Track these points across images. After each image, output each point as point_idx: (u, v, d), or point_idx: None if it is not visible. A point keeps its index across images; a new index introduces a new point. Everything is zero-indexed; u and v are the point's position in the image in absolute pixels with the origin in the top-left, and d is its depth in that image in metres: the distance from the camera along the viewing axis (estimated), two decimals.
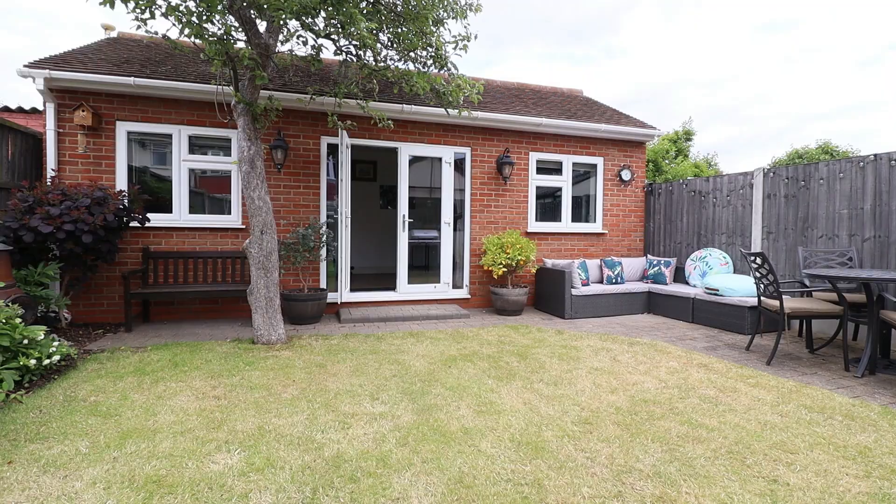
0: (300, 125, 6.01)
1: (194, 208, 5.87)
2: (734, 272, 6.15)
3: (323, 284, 6.15)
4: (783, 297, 4.04)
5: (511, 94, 8.36)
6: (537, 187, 7.31)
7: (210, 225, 5.76)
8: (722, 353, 4.40)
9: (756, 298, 4.49)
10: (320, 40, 4.40)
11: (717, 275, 5.87)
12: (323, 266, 6.14)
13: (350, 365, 3.84)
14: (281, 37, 4.66)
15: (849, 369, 3.87)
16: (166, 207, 5.70)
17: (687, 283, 6.55)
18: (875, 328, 3.68)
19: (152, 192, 5.69)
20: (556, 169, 7.45)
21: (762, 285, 4.24)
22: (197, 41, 4.24)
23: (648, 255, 7.55)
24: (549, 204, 7.56)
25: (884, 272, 3.93)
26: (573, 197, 7.56)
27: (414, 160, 7.02)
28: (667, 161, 16.80)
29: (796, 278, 5.35)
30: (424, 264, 8.80)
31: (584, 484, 2.08)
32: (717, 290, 5.54)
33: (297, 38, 4.31)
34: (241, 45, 4.64)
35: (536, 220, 7.33)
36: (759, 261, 4.11)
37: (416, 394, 3.19)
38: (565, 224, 7.47)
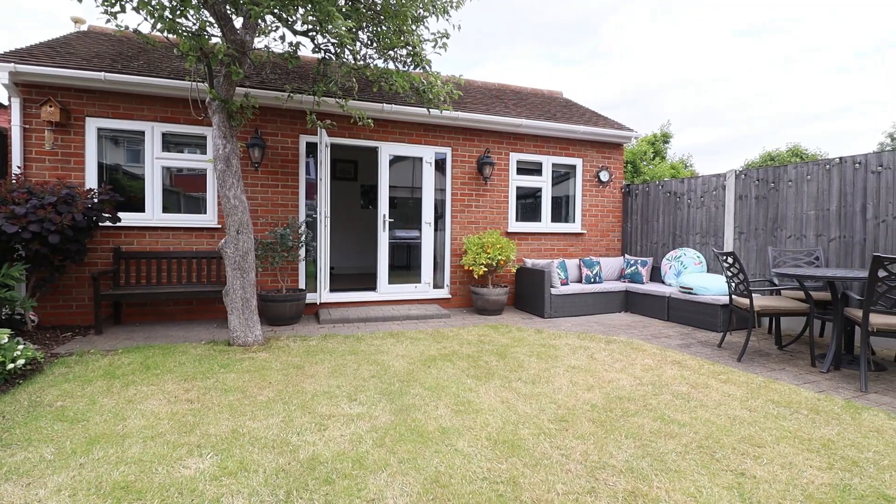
0: (278, 123, 5.92)
1: (169, 207, 5.73)
2: (708, 271, 6.30)
3: (302, 285, 6.08)
4: (753, 295, 4.16)
5: (492, 95, 8.40)
6: (517, 187, 7.37)
7: (184, 224, 5.63)
8: (695, 351, 4.50)
9: (728, 297, 4.62)
10: (298, 37, 4.35)
11: (691, 274, 6.01)
12: (302, 266, 6.07)
13: (328, 366, 3.80)
14: (258, 33, 4.59)
15: (815, 365, 4.01)
16: (139, 206, 5.55)
17: (663, 283, 6.69)
18: (840, 325, 3.82)
19: (124, 190, 5.53)
20: (536, 169, 7.52)
21: (733, 284, 4.35)
22: (170, 36, 4.15)
23: (626, 255, 7.69)
24: (529, 204, 7.62)
25: (848, 271, 4.08)
26: (553, 197, 7.64)
27: (395, 160, 6.99)
28: (645, 162, 17.11)
29: (766, 277, 5.52)
30: (406, 264, 8.77)
31: (559, 481, 2.11)
32: (692, 289, 5.67)
33: (274, 34, 4.24)
34: (216, 40, 4.55)
35: (517, 220, 7.39)
36: (730, 260, 4.22)
37: (395, 394, 3.18)
38: (545, 224, 7.54)
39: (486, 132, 7.07)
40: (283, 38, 4.32)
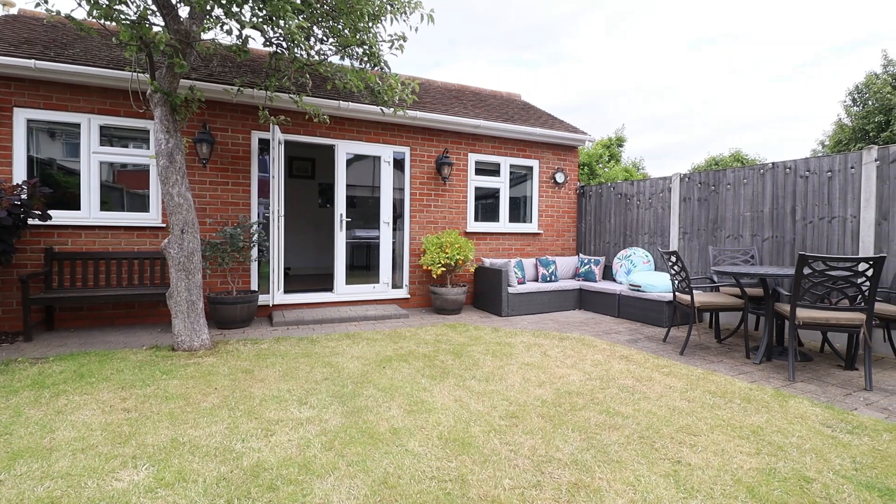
0: (228, 118, 5.70)
1: (110, 205, 5.40)
2: (655, 270, 6.60)
3: (254, 286, 5.88)
4: (694, 292, 4.39)
5: (451, 96, 8.44)
6: (476, 188, 7.44)
7: (125, 223, 5.32)
8: (642, 346, 4.70)
9: (672, 294, 4.85)
10: (247, 30, 4.21)
11: (639, 272, 6.27)
12: (254, 267, 5.87)
13: (279, 370, 3.70)
14: (205, 24, 4.40)
15: (749, 357, 4.28)
16: (75, 204, 5.20)
17: (614, 281, 6.94)
18: (770, 319, 4.10)
19: (59, 186, 5.17)
20: (494, 170, 7.61)
21: (676, 281, 4.58)
22: (108, 24, 3.91)
23: (580, 254, 7.92)
24: (488, 204, 7.71)
25: (778, 269, 4.38)
26: (511, 198, 7.77)
27: (354, 158, 6.89)
28: (600, 165, 17.69)
29: (707, 275, 5.84)
30: (366, 264, 8.67)
31: (506, 476, 2.14)
32: (640, 287, 5.92)
33: (222, 26, 4.08)
34: (159, 29, 4.33)
35: (475, 220, 7.46)
36: (673, 259, 4.44)
37: (347, 396, 3.13)
38: (503, 224, 7.66)
39: (445, 132, 7.09)
40: (230, 31, 4.15)
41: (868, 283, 3.40)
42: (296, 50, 4.37)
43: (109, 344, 4.51)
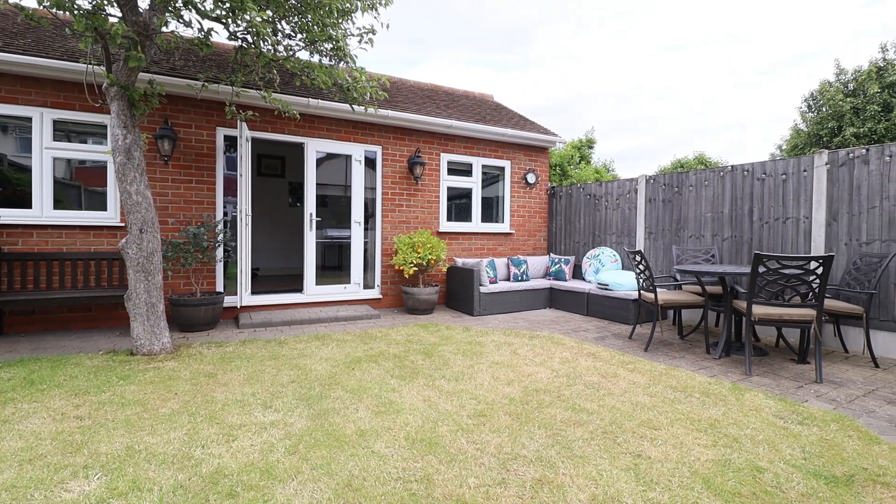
0: (192, 114, 5.52)
1: (65, 203, 5.16)
2: (622, 269, 6.76)
3: (220, 287, 5.71)
4: (658, 290, 4.52)
5: (424, 95, 8.43)
6: (449, 188, 7.45)
7: (81, 222, 5.08)
8: (609, 343, 4.81)
9: (638, 292, 4.98)
10: (210, 23, 4.08)
11: (607, 271, 6.41)
12: (219, 268, 5.70)
13: (244, 373, 3.61)
14: (166, 15, 4.24)
15: (709, 352, 4.43)
16: (26, 202, 4.93)
17: (584, 280, 7.08)
18: (729, 316, 4.26)
19: (10, 184, 4.90)
20: (466, 170, 7.64)
21: (641, 280, 4.70)
22: (60, 13, 3.72)
23: (551, 254, 8.04)
24: (460, 204, 7.73)
25: (736, 267, 4.56)
26: (483, 198, 7.81)
27: (326, 157, 6.79)
28: (572, 166, 18.02)
29: (671, 273, 6.02)
30: (338, 264, 8.56)
31: (472, 475, 2.15)
32: (608, 285, 6.05)
33: (181, 19, 3.94)
34: (116, 20, 4.15)
35: (448, 220, 7.47)
36: (638, 258, 4.55)
37: (314, 399, 3.08)
38: (475, 224, 7.69)
39: (418, 132, 7.07)
40: (190, 23, 4.02)
41: (818, 281, 3.57)
42: (262, 45, 4.27)
43: (64, 349, 4.30)
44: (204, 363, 3.85)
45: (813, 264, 3.71)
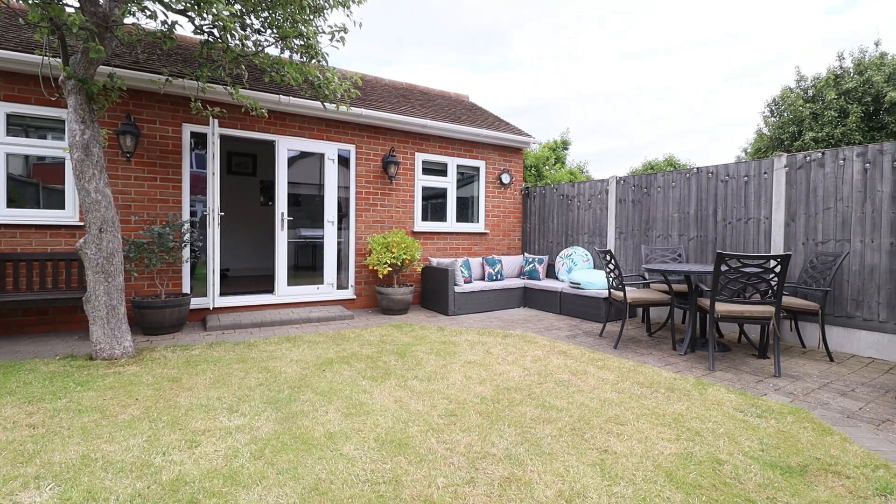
0: (156, 109, 5.34)
1: (22, 201, 4.92)
2: (594, 268, 6.89)
3: (186, 289, 5.54)
4: (626, 288, 4.62)
5: (399, 94, 8.38)
6: (424, 188, 7.43)
7: (37, 221, 4.85)
8: (580, 341, 4.89)
9: (608, 291, 5.08)
10: (174, 16, 3.96)
11: (579, 270, 6.52)
12: (186, 268, 5.53)
13: (210, 377, 3.51)
14: (128, 6, 4.09)
15: (676, 349, 4.56)
16: None
17: (557, 279, 7.18)
18: (694, 313, 4.39)
19: None
20: (441, 170, 7.64)
21: (611, 279, 4.80)
22: (13, 1, 3.53)
23: (525, 253, 8.12)
24: (436, 204, 7.73)
25: (701, 266, 4.70)
26: (458, 198, 7.83)
27: (300, 156, 6.67)
28: (547, 167, 18.25)
29: (639, 272, 6.16)
30: (312, 265, 8.40)
31: (441, 475, 2.15)
32: (580, 284, 6.16)
33: (144, 10, 3.81)
34: (73, 10, 3.97)
35: (423, 219, 7.45)
36: (608, 257, 4.64)
37: (282, 402, 3.02)
38: (450, 224, 7.70)
39: (392, 131, 7.03)
40: (153, 16, 3.89)
41: (777, 279, 3.71)
42: (230, 39, 4.16)
43: (18, 354, 4.10)
44: (168, 367, 3.73)
45: (772, 263, 3.86)
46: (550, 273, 7.55)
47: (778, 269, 3.67)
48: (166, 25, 3.84)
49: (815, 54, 36.84)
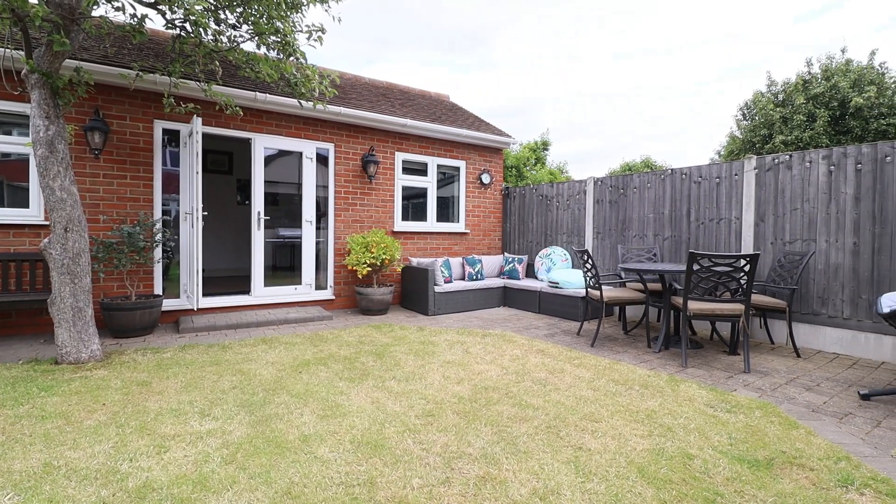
0: (127, 105, 5.18)
1: None
2: (572, 267, 6.97)
3: (158, 290, 5.39)
4: (603, 287, 4.68)
5: (378, 93, 8.33)
6: (404, 187, 7.41)
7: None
8: (558, 339, 4.94)
9: (585, 290, 5.15)
10: (143, 9, 3.84)
11: (558, 270, 6.59)
12: (158, 269, 5.38)
13: (182, 380, 3.42)
14: None
15: (650, 346, 4.65)
16: None
17: (536, 278, 7.24)
18: (668, 311, 4.48)
19: None
20: (421, 170, 7.63)
21: (588, 278, 4.86)
22: None
23: (505, 253, 8.17)
24: (417, 204, 7.71)
25: (675, 265, 4.80)
26: (439, 198, 7.82)
27: (278, 154, 6.57)
28: (528, 168, 18.40)
29: (616, 272, 6.26)
30: (290, 265, 8.29)
31: (416, 475, 2.14)
32: (558, 283, 6.22)
33: (111, 2, 3.69)
34: (36, 1, 3.82)
35: (403, 219, 7.42)
36: (585, 257, 4.70)
37: (256, 405, 2.96)
38: (431, 224, 7.69)
39: (372, 130, 6.98)
40: (121, 8, 3.77)
41: (746, 278, 3.82)
42: (203, 34, 4.06)
43: None
44: (137, 371, 3.62)
45: (741, 262, 3.97)
46: (530, 273, 7.62)
47: (747, 269, 3.78)
48: (136, 19, 3.72)
49: (785, 60, 38.11)
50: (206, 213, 5.11)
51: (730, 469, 2.25)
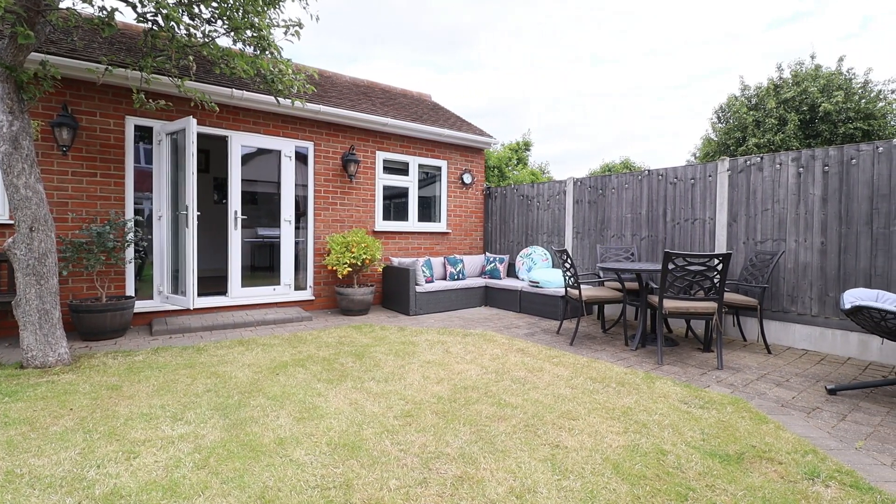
0: (96, 101, 5.02)
1: None
2: (553, 267, 7.04)
3: (130, 291, 5.24)
4: (582, 286, 4.74)
5: (359, 92, 8.26)
6: (385, 187, 7.36)
7: None
8: (538, 338, 4.98)
9: (565, 289, 5.20)
10: (113, 2, 3.72)
11: (538, 269, 6.64)
12: (130, 269, 5.23)
13: (154, 384, 3.33)
14: None
15: (628, 344, 4.72)
16: None
17: (517, 278, 7.29)
18: (644, 309, 4.56)
19: None
20: (403, 169, 7.59)
21: (567, 277, 4.91)
22: None
23: (487, 253, 8.21)
24: (398, 204, 7.67)
25: (651, 264, 4.89)
26: (420, 197, 7.81)
27: (257, 152, 6.45)
28: (510, 168, 18.51)
29: (595, 271, 6.35)
30: (270, 265, 8.17)
31: (393, 476, 2.13)
32: (538, 283, 6.27)
33: None
34: None
35: (384, 219, 7.38)
36: (564, 256, 4.75)
37: (231, 408, 2.91)
38: (412, 223, 7.67)
39: (352, 128, 6.92)
40: (90, 1, 3.65)
41: (719, 277, 3.91)
42: (176, 28, 3.96)
43: None
44: (107, 375, 3.51)
45: (714, 261, 4.07)
46: (511, 272, 7.66)
47: (720, 268, 3.87)
48: (105, 12, 3.61)
49: (757, 64, 39.27)
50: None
51: (702, 464, 2.30)
